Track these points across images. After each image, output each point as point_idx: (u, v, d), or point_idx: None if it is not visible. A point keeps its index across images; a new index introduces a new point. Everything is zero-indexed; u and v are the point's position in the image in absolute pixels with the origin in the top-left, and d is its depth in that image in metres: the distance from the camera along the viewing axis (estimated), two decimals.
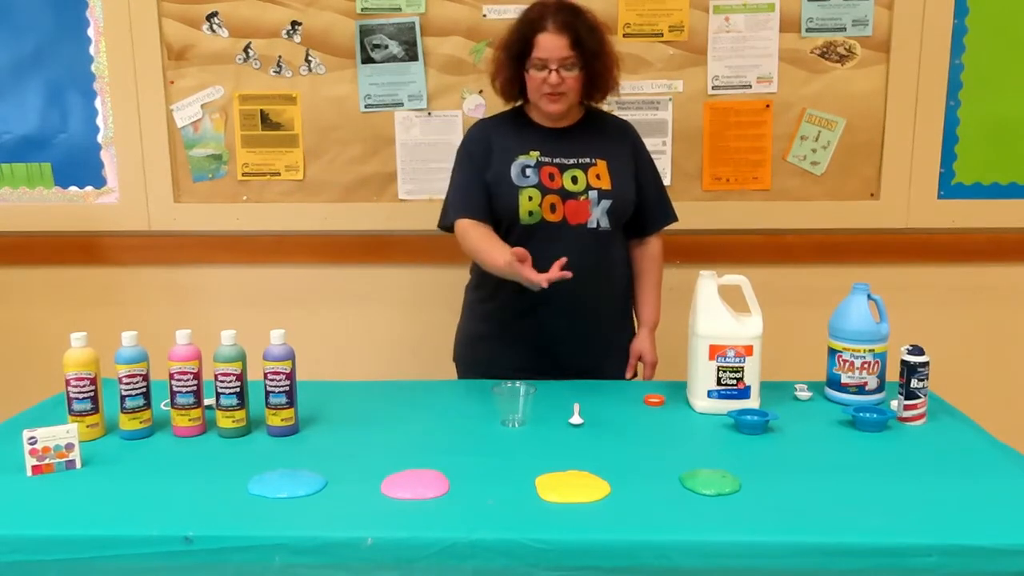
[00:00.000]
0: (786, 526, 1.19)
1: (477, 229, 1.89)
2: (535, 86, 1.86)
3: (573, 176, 1.89)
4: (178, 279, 2.62)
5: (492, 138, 1.96)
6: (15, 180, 2.59)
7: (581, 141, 1.94)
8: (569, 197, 1.89)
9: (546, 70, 1.83)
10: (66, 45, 2.50)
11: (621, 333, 2.06)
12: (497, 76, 1.95)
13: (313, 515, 1.23)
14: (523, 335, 1.95)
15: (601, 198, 1.89)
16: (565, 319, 1.92)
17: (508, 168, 1.90)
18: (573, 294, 1.86)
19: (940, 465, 1.41)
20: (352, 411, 1.70)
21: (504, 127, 1.98)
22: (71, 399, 1.54)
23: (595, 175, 1.90)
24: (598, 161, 1.91)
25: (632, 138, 2.02)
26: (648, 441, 1.54)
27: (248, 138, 2.55)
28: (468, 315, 2.08)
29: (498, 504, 1.26)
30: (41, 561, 1.18)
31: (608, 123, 2.03)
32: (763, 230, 2.53)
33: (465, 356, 2.08)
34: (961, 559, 1.14)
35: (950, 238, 2.53)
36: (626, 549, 1.15)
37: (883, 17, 2.43)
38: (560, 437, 1.55)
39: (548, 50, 1.82)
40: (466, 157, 1.98)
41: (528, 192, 1.87)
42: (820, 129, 2.49)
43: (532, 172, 1.89)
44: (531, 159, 1.90)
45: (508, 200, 1.88)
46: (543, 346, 1.95)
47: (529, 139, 1.93)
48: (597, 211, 1.90)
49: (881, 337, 1.70)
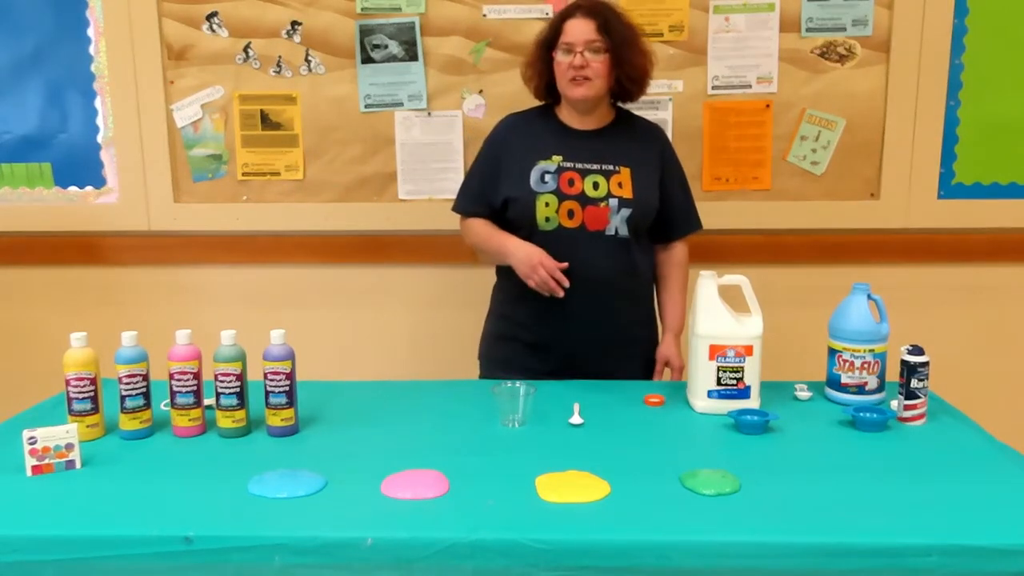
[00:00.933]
0: (786, 526, 1.19)
1: (480, 224, 1.98)
2: (561, 72, 1.86)
3: (595, 182, 1.88)
4: (178, 279, 2.62)
5: (514, 140, 1.97)
6: (15, 180, 2.59)
7: (607, 146, 1.93)
8: (589, 203, 1.88)
9: (572, 54, 1.83)
10: (66, 45, 2.50)
11: (644, 338, 2.04)
12: (531, 75, 1.96)
13: (313, 515, 1.23)
14: (545, 340, 1.94)
15: (621, 206, 1.88)
16: (587, 325, 1.91)
17: (527, 174, 1.90)
18: (595, 300, 1.89)
19: (940, 465, 1.41)
20: (352, 411, 1.70)
21: (530, 127, 1.98)
22: (71, 399, 1.54)
23: (617, 183, 1.89)
24: (622, 169, 1.90)
25: (662, 142, 2.01)
26: (648, 441, 1.53)
27: (248, 138, 2.55)
28: (493, 315, 2.09)
29: (498, 504, 1.26)
30: (41, 561, 1.18)
31: (638, 127, 2.02)
32: (763, 230, 2.53)
33: (489, 354, 2.08)
34: (961, 559, 1.14)
35: (950, 238, 2.53)
36: (626, 549, 1.15)
37: (883, 17, 2.43)
38: (560, 437, 1.55)
39: (574, 33, 1.83)
40: (485, 156, 2.02)
41: (545, 198, 1.87)
42: (820, 129, 2.49)
43: (551, 178, 1.89)
44: (552, 164, 1.90)
45: (525, 206, 1.89)
46: (565, 352, 1.94)
47: (553, 142, 1.93)
48: (616, 219, 1.88)
49: (881, 337, 1.70)
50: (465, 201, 2.03)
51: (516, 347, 1.99)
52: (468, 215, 2.03)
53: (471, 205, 2.01)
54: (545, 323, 1.92)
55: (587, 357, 1.94)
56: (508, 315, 2.02)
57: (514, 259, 1.86)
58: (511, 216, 1.93)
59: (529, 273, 1.82)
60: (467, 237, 2.05)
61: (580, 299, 1.87)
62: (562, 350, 1.94)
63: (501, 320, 2.04)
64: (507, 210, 1.94)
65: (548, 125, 1.97)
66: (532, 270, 1.81)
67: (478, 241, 2.00)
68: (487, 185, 1.97)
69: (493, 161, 1.98)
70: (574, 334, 1.92)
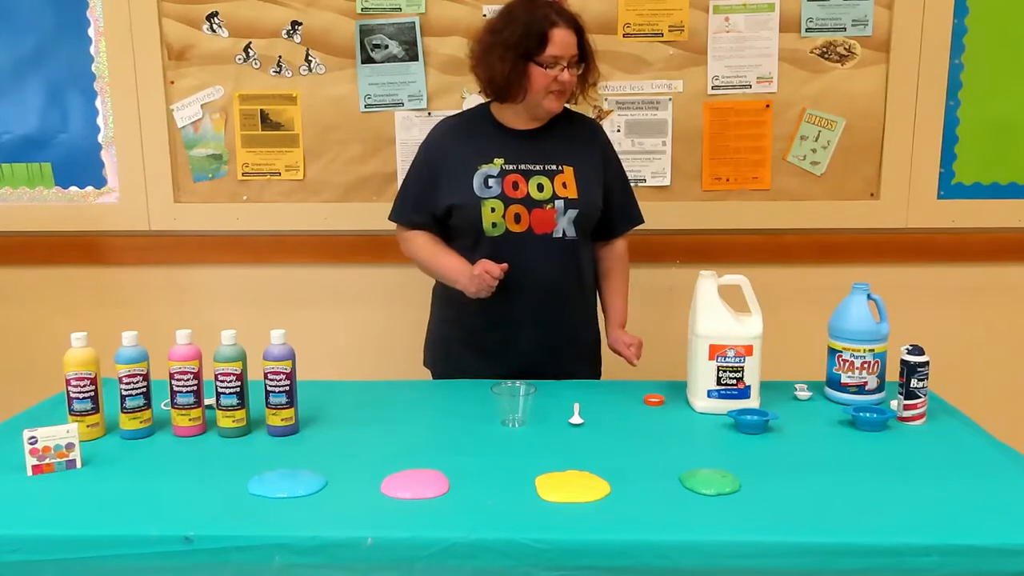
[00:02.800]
0: (786, 526, 1.19)
1: (423, 239, 1.95)
2: (543, 83, 1.80)
3: (539, 183, 1.85)
4: (178, 279, 2.62)
5: (451, 147, 1.91)
6: (15, 180, 2.59)
7: (549, 145, 1.89)
8: (535, 206, 1.84)
9: (558, 67, 1.79)
10: (66, 45, 2.50)
11: (588, 336, 2.03)
12: (495, 73, 1.81)
13: (313, 515, 1.23)
14: (493, 344, 1.91)
15: (568, 207, 1.85)
16: (536, 328, 1.89)
17: (470, 179, 1.85)
18: (543, 303, 1.87)
19: (940, 465, 1.41)
20: (352, 411, 1.70)
21: (468, 131, 1.93)
22: (71, 399, 1.54)
23: (561, 183, 1.86)
24: (565, 168, 1.87)
25: (601, 139, 1.98)
26: (648, 441, 1.53)
27: (248, 138, 2.55)
28: (437, 318, 2.05)
29: (498, 504, 1.26)
30: (41, 561, 1.17)
31: (576, 123, 1.96)
32: (763, 230, 2.53)
33: (436, 359, 2.04)
34: (961, 559, 1.14)
35: (950, 238, 2.54)
36: (626, 549, 1.15)
37: (883, 17, 2.43)
38: (560, 437, 1.55)
39: (562, 47, 1.78)
40: (423, 163, 1.95)
41: (491, 204, 1.83)
42: (820, 129, 2.49)
43: (495, 182, 1.84)
44: (494, 168, 1.85)
45: (471, 212, 1.84)
46: (514, 355, 1.91)
47: (493, 145, 1.88)
48: (563, 220, 1.85)
49: (881, 337, 1.70)
50: (404, 209, 1.96)
51: (466, 354, 1.95)
52: (408, 225, 1.97)
53: (411, 213, 1.95)
54: (495, 329, 1.90)
55: (538, 360, 1.90)
56: (453, 319, 1.98)
57: (460, 284, 1.83)
58: (455, 223, 1.89)
59: (476, 289, 1.79)
60: (407, 252, 1.99)
61: (529, 303, 1.86)
62: (513, 355, 1.90)
63: (445, 324, 2.01)
64: (451, 217, 1.89)
65: (485, 127, 1.92)
66: (477, 284, 1.78)
67: (420, 260, 1.96)
68: (426, 193, 1.91)
69: (431, 167, 1.92)
70: (524, 338, 1.90)
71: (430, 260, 1.93)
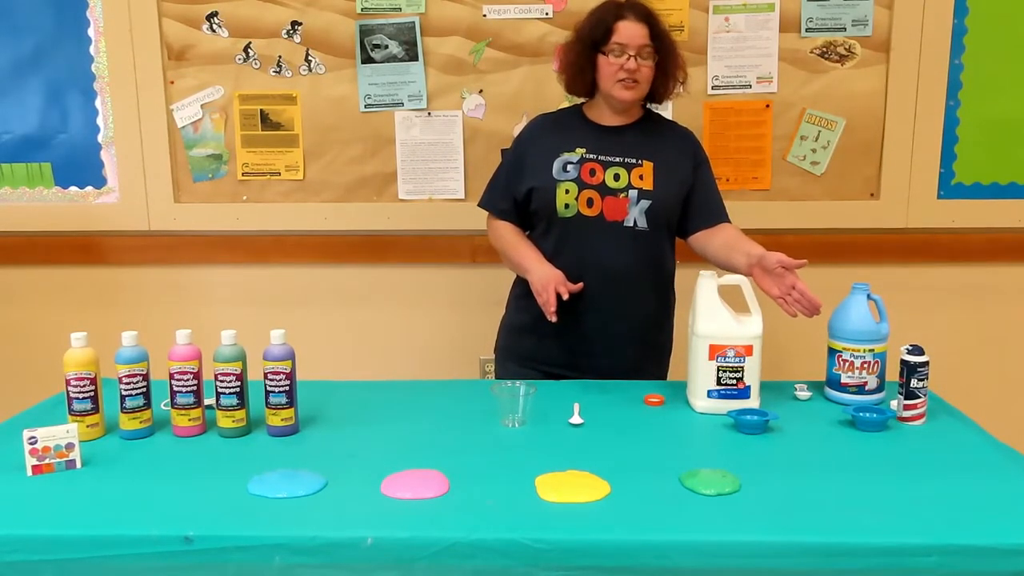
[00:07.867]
0: (786, 526, 1.19)
1: (506, 230, 2.01)
2: (611, 72, 1.86)
3: (616, 173, 1.89)
4: (178, 279, 2.62)
5: (539, 137, 1.99)
6: (15, 180, 2.59)
7: (632, 141, 1.93)
8: (608, 193, 1.89)
9: (624, 56, 1.84)
10: (66, 45, 2.50)
11: (660, 333, 2.03)
12: (567, 67, 1.94)
13: (313, 515, 1.23)
14: (560, 332, 1.92)
15: (641, 198, 1.89)
16: (601, 318, 1.92)
17: (551, 164, 1.92)
18: (610, 292, 1.90)
19: (940, 465, 1.41)
20: (352, 411, 1.70)
21: (558, 124, 2.00)
22: (71, 399, 1.54)
23: (638, 175, 1.90)
24: (644, 162, 1.90)
25: (694, 149, 1.99)
26: (648, 441, 1.53)
27: (248, 138, 2.55)
28: (511, 308, 2.09)
29: (498, 504, 1.26)
30: (41, 561, 1.17)
31: (667, 129, 2.02)
32: (763, 230, 2.52)
33: (506, 347, 2.09)
34: (961, 559, 1.13)
35: (950, 238, 2.54)
36: (626, 549, 1.15)
37: (883, 17, 2.43)
38: (560, 437, 1.55)
39: (628, 36, 1.84)
40: (513, 152, 2.04)
41: (565, 185, 1.89)
42: (820, 129, 2.49)
43: (573, 168, 1.90)
44: (575, 155, 1.91)
45: (546, 193, 1.91)
46: (579, 345, 1.94)
47: (578, 137, 1.94)
48: (635, 210, 1.89)
49: (881, 337, 1.70)
50: (492, 197, 2.05)
51: (532, 339, 1.99)
52: (495, 212, 2.04)
53: (497, 200, 2.03)
54: (562, 315, 1.88)
55: (602, 346, 1.93)
56: (523, 307, 2.00)
57: (532, 276, 1.87)
58: (534, 207, 1.95)
59: (540, 291, 1.83)
60: (492, 239, 2.07)
61: (596, 288, 1.88)
62: (577, 343, 1.93)
63: (517, 313, 2.05)
64: (530, 203, 1.96)
65: (574, 121, 1.99)
66: (544, 290, 1.81)
67: (502, 247, 2.02)
68: (512, 179, 1.99)
69: (520, 157, 2.00)
70: (588, 322, 1.92)
71: (511, 249, 1.98)
